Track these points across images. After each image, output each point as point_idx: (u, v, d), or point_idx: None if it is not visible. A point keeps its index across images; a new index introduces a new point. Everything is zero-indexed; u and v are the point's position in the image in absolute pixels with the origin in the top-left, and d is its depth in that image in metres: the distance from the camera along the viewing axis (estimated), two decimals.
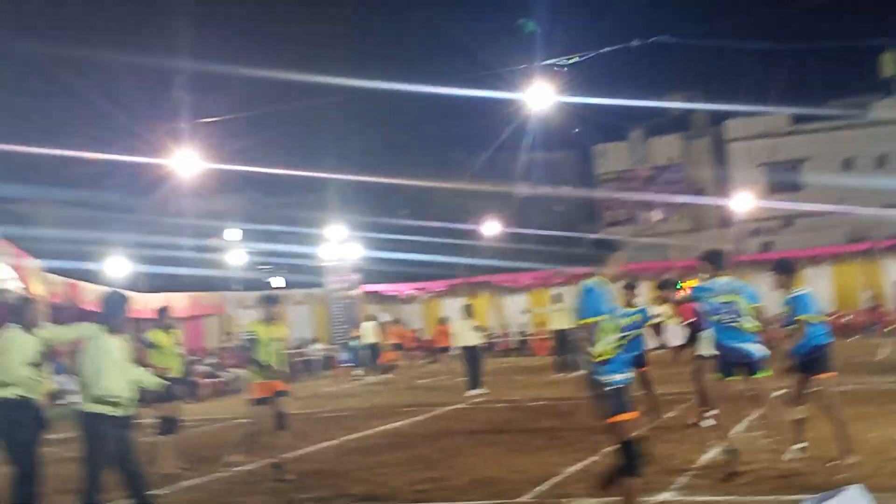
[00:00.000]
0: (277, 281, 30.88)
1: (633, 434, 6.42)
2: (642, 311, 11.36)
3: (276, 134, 33.04)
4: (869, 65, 45.33)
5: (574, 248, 37.93)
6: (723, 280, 8.21)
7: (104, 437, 6.70)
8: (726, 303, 8.00)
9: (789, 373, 8.48)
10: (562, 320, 22.31)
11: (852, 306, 29.15)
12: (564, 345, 22.01)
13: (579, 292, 6.51)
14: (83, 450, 6.81)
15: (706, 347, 10.56)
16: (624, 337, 6.48)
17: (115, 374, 6.75)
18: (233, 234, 30.21)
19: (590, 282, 6.53)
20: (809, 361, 8.30)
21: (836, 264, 30.79)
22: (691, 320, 11.28)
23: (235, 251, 30.32)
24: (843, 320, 28.15)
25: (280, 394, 10.06)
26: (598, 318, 6.34)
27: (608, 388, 6.34)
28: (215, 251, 31.26)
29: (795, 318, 8.26)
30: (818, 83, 46.47)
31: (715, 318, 8.06)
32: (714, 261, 8.41)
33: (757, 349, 7.98)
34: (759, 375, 8.02)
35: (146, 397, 8.86)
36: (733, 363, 8.01)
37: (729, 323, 7.96)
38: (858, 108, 46.01)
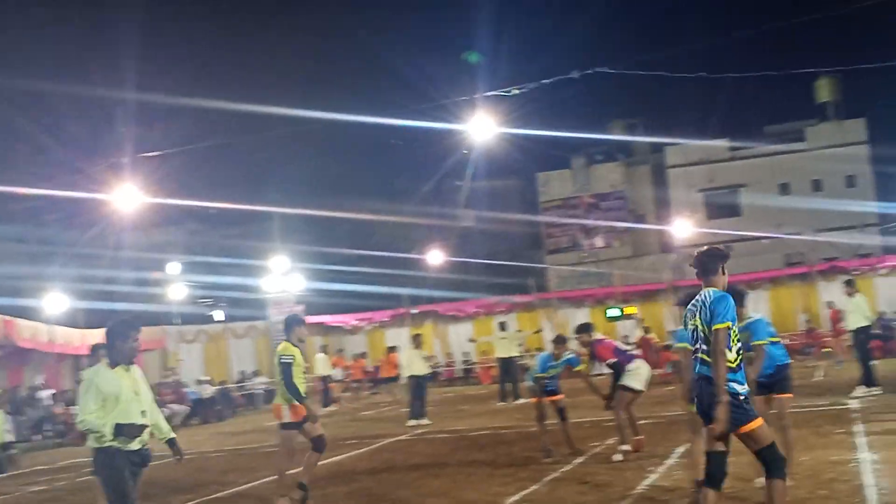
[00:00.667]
0: (218, 314, 30.53)
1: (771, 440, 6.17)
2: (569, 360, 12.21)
3: (218, 166, 32.89)
4: (804, 91, 46.53)
5: (517, 277, 38.28)
6: (706, 292, 8.23)
7: (118, 470, 6.50)
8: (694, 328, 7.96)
9: (755, 395, 8.62)
10: (506, 348, 22.45)
11: (790, 329, 29.69)
12: (508, 373, 22.10)
13: (711, 299, 6.25)
14: (104, 487, 6.65)
15: (633, 381, 11.03)
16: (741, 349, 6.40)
17: (113, 408, 6.53)
18: (174, 267, 29.90)
19: (715, 291, 6.33)
20: (773, 382, 8.50)
21: (773, 288, 31.38)
22: (612, 360, 11.34)
23: (176, 284, 29.99)
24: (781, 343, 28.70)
25: (306, 418, 9.90)
26: (731, 325, 6.18)
27: (739, 398, 6.10)
28: (156, 285, 30.88)
29: (753, 344, 8.39)
30: (755, 110, 47.57)
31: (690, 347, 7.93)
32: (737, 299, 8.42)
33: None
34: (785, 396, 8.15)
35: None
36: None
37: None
38: (794, 133, 47.17)
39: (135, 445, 6.54)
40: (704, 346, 6.23)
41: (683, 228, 34.35)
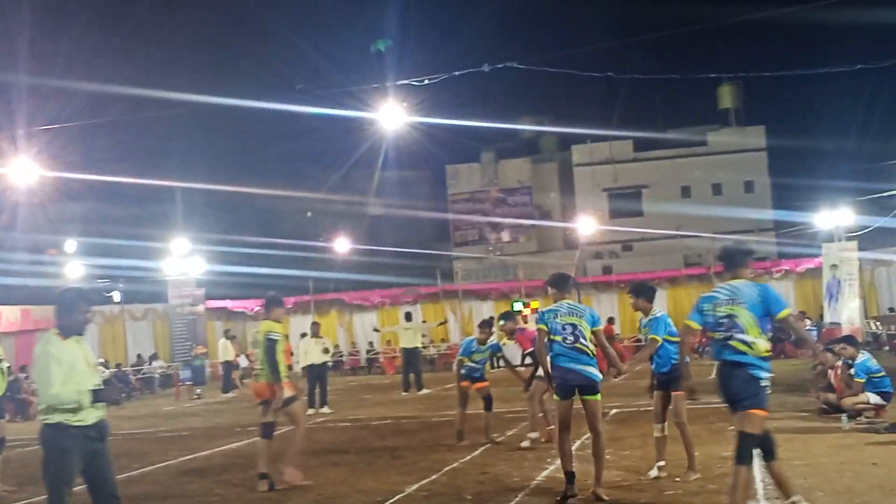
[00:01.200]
0: (115, 295, 29.68)
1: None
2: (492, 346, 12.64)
3: (121, 143, 31.88)
4: (708, 97, 47.67)
5: (424, 268, 38.34)
6: (567, 302, 8.39)
7: (64, 452, 6.19)
8: (569, 324, 8.16)
9: (651, 391, 8.88)
10: (411, 339, 22.46)
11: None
12: (412, 363, 22.13)
13: (760, 291, 6.64)
14: (44, 466, 6.31)
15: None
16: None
17: (68, 379, 6.25)
18: (71, 245, 28.94)
19: (757, 283, 6.78)
20: (670, 380, 8.72)
21: (671, 287, 32.16)
22: (531, 349, 11.55)
23: (73, 263, 29.05)
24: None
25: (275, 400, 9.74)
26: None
27: (765, 384, 6.50)
28: (51, 263, 29.86)
29: (650, 337, 8.69)
30: (660, 113, 48.55)
31: (558, 338, 8.18)
32: (559, 285, 8.59)
33: (595, 372, 8.15)
34: (591, 398, 8.11)
35: None
36: (572, 385, 8.15)
37: (572, 344, 8.10)
38: (697, 138, 48.36)
39: (91, 419, 6.26)
40: (739, 334, 6.56)
41: (587, 226, 34.89)
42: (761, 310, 6.55)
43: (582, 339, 8.07)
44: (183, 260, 30.14)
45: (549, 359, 8.14)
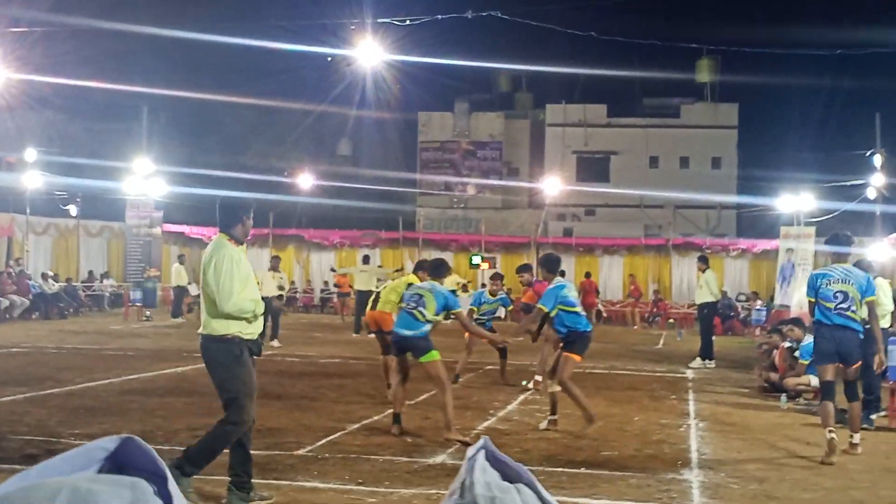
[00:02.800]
0: (72, 209, 29.15)
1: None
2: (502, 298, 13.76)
3: (90, 58, 31.09)
4: (687, 70, 47.60)
5: (387, 213, 38.22)
6: (430, 283, 9.05)
7: (247, 364, 6.18)
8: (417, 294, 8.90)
9: (554, 350, 9.36)
10: (365, 282, 22.40)
11: (643, 298, 30.79)
12: (365, 306, 22.04)
13: (865, 278, 8.47)
14: (227, 378, 6.22)
15: None
16: None
17: (245, 288, 6.14)
18: (30, 154, 28.33)
19: (862, 271, 8.71)
20: (565, 343, 9.21)
21: (629, 256, 32.42)
22: None
23: (31, 172, 28.50)
24: (629, 309, 29.88)
25: None
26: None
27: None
28: (8, 170, 29.29)
29: (538, 306, 9.31)
30: (637, 79, 48.40)
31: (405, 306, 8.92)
32: (547, 266, 9.32)
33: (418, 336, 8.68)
34: (424, 359, 8.63)
35: None
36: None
37: (410, 309, 8.73)
38: (670, 109, 48.42)
39: (257, 333, 6.17)
40: (852, 306, 8.26)
41: (554, 187, 34.90)
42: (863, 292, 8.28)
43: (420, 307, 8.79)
44: (144, 180, 29.70)
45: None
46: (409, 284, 9.79)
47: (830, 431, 7.88)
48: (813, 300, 8.41)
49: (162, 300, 29.20)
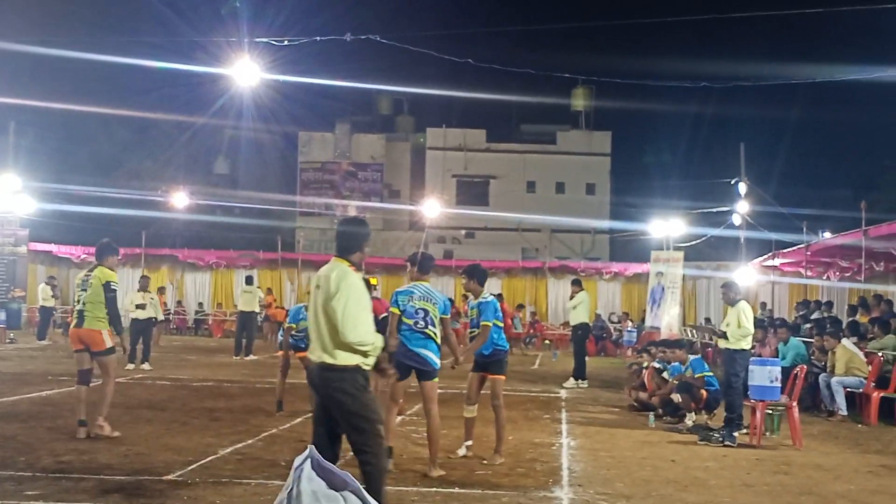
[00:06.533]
0: None
1: None
2: None
3: None
4: (563, 97, 48.73)
5: (265, 233, 37.73)
6: (423, 286, 8.40)
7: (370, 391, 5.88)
8: (422, 309, 8.15)
9: (471, 372, 9.04)
10: (249, 303, 22.05)
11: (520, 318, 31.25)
12: (246, 328, 21.73)
13: None
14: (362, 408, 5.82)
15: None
16: None
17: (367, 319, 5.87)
18: None
19: None
20: (489, 363, 8.94)
21: (507, 278, 32.92)
22: (384, 315, 11.33)
23: None
24: (508, 332, 30.24)
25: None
26: None
27: None
28: None
29: (482, 323, 8.80)
30: (514, 106, 49.35)
31: (410, 321, 8.11)
32: (421, 265, 8.55)
33: (435, 359, 8.15)
34: (429, 382, 8.15)
35: None
36: (411, 367, 8.11)
37: (421, 329, 8.09)
38: (547, 136, 49.56)
39: (372, 365, 5.91)
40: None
41: (433, 210, 35.18)
42: None
43: (431, 326, 8.10)
44: (10, 197, 28.46)
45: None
46: (400, 293, 8.44)
47: None
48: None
49: (27, 321, 28.04)
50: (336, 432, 5.84)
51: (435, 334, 8.10)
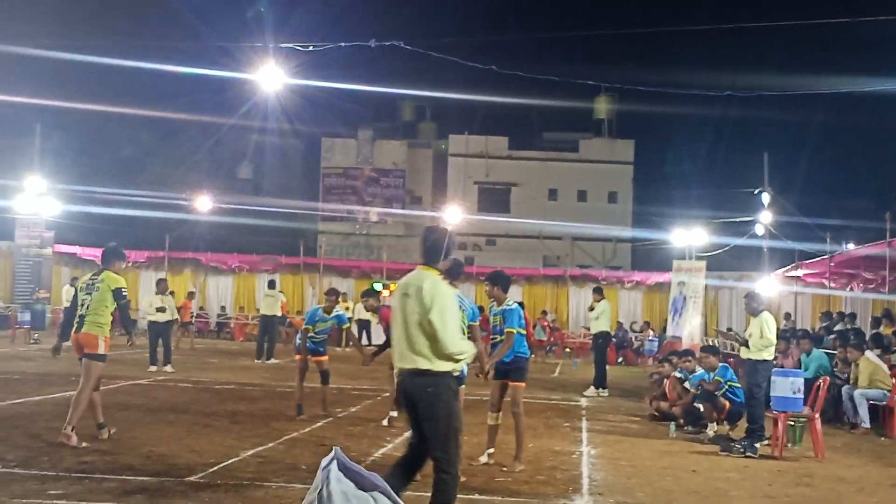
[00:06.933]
0: None
1: None
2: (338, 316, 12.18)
3: None
4: (585, 104, 48.71)
5: (288, 238, 37.90)
6: (455, 294, 8.32)
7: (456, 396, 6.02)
8: None
9: (492, 380, 8.99)
10: (271, 306, 22.15)
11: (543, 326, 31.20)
12: (268, 331, 21.85)
13: None
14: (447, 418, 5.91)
15: None
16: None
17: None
18: None
19: None
20: (510, 370, 8.91)
21: (528, 285, 32.87)
22: None
23: None
24: (531, 339, 30.20)
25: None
26: None
27: None
28: None
29: (506, 330, 8.78)
30: (536, 113, 49.34)
31: None
32: (450, 272, 8.49)
33: (464, 366, 8.13)
34: (457, 388, 8.18)
35: None
36: None
37: None
38: (569, 143, 49.51)
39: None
40: None
41: (456, 216, 35.21)
42: None
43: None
44: (36, 199, 28.76)
45: None
46: None
47: None
48: None
49: (52, 323, 28.28)
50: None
51: None
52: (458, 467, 5.86)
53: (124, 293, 9.59)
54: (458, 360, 5.85)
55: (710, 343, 18.88)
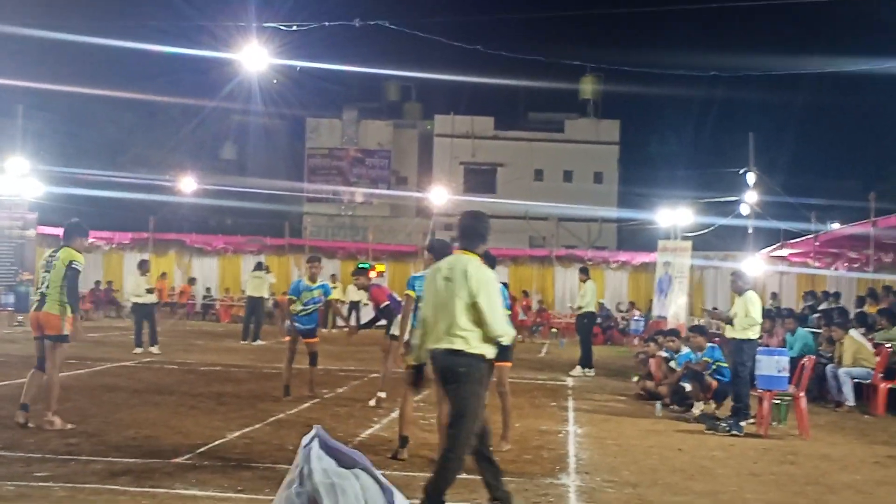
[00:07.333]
0: None
1: None
2: (323, 286, 12.07)
3: None
4: (571, 85, 48.57)
5: (273, 219, 37.74)
6: None
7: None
8: None
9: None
10: (258, 288, 22.12)
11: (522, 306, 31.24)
12: (255, 312, 21.82)
13: None
14: (471, 399, 6.01)
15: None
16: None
17: None
18: None
19: None
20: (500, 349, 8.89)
21: (514, 266, 32.90)
22: (386, 303, 11.25)
23: None
24: (516, 319, 30.29)
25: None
26: None
27: None
28: None
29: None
30: (522, 93, 49.23)
31: None
32: (437, 251, 8.47)
33: None
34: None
35: None
36: None
37: None
38: (555, 124, 49.40)
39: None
40: None
41: (441, 197, 35.16)
42: None
43: None
44: (18, 181, 28.49)
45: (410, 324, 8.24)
46: (416, 278, 8.76)
47: None
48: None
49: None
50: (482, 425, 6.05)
51: None
52: (464, 451, 5.90)
53: (75, 267, 9.19)
54: (500, 342, 6.07)
55: (696, 323, 19.00)
